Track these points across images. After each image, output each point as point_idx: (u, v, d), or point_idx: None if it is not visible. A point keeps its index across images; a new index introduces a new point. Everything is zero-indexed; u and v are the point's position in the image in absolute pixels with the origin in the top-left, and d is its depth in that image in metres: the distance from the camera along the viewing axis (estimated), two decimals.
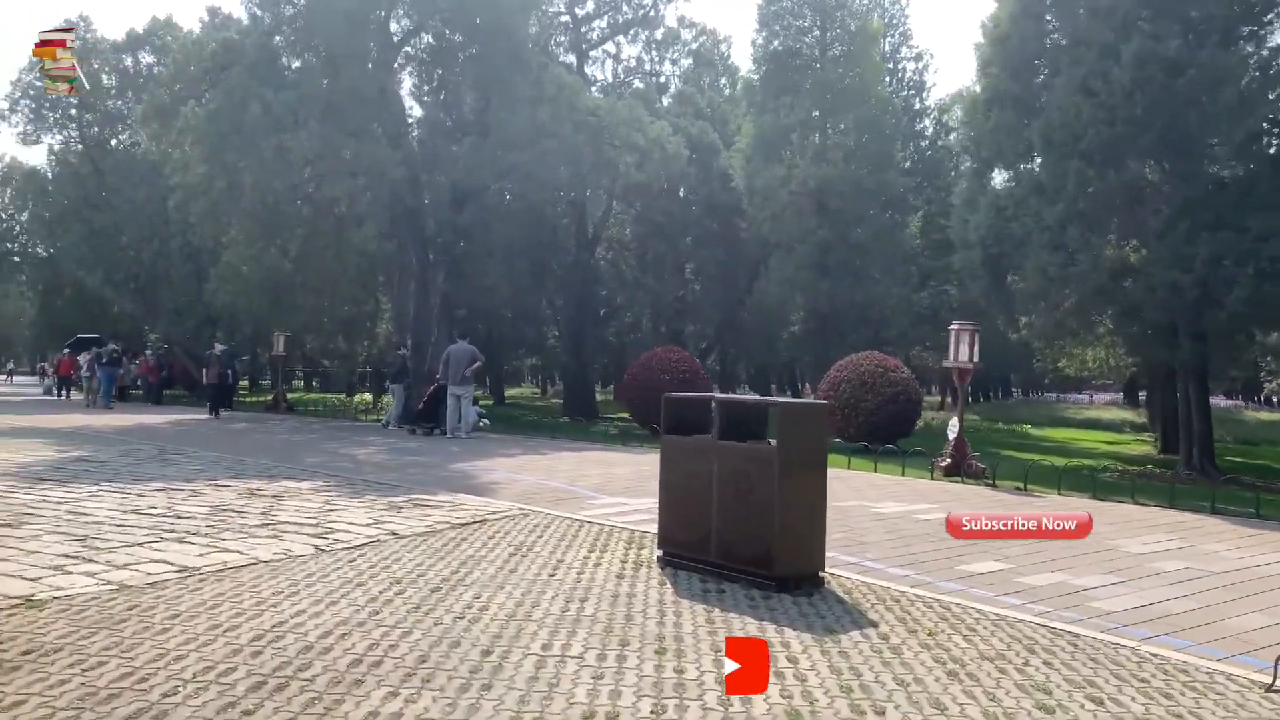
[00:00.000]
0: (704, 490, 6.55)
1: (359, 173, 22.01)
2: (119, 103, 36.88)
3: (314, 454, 14.41)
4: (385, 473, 12.09)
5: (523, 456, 14.81)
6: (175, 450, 13.92)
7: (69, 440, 15.30)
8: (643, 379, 20.69)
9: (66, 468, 11.38)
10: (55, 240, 37.37)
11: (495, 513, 8.88)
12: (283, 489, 10.06)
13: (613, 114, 22.50)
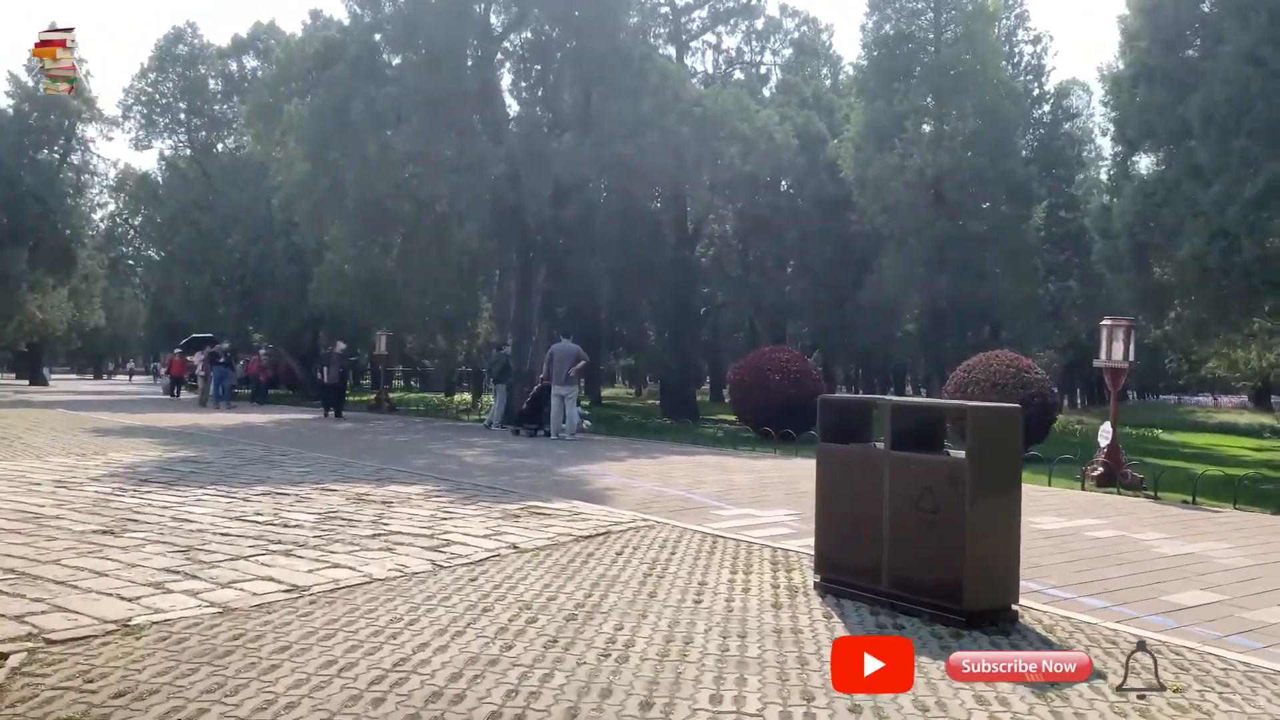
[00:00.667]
0: (873, 508, 5.66)
1: (460, 169, 21.65)
2: (225, 107, 37.64)
3: (420, 456, 13.95)
4: (494, 476, 11.50)
5: (632, 460, 14.08)
6: (281, 451, 13.61)
7: (176, 440, 15.18)
8: (751, 379, 19.76)
9: (173, 469, 11.08)
10: (165, 243, 38.35)
11: (618, 524, 8.13)
12: (392, 494, 9.51)
13: (717, 104, 21.65)
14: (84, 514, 7.68)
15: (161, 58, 36.79)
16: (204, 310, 38.41)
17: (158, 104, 36.88)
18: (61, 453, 12.77)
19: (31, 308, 39.49)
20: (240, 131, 37.43)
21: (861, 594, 5.72)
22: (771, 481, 11.77)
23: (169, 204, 37.65)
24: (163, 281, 39.89)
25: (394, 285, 23.78)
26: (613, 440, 18.30)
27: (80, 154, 35.44)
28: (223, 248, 35.91)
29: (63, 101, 33.51)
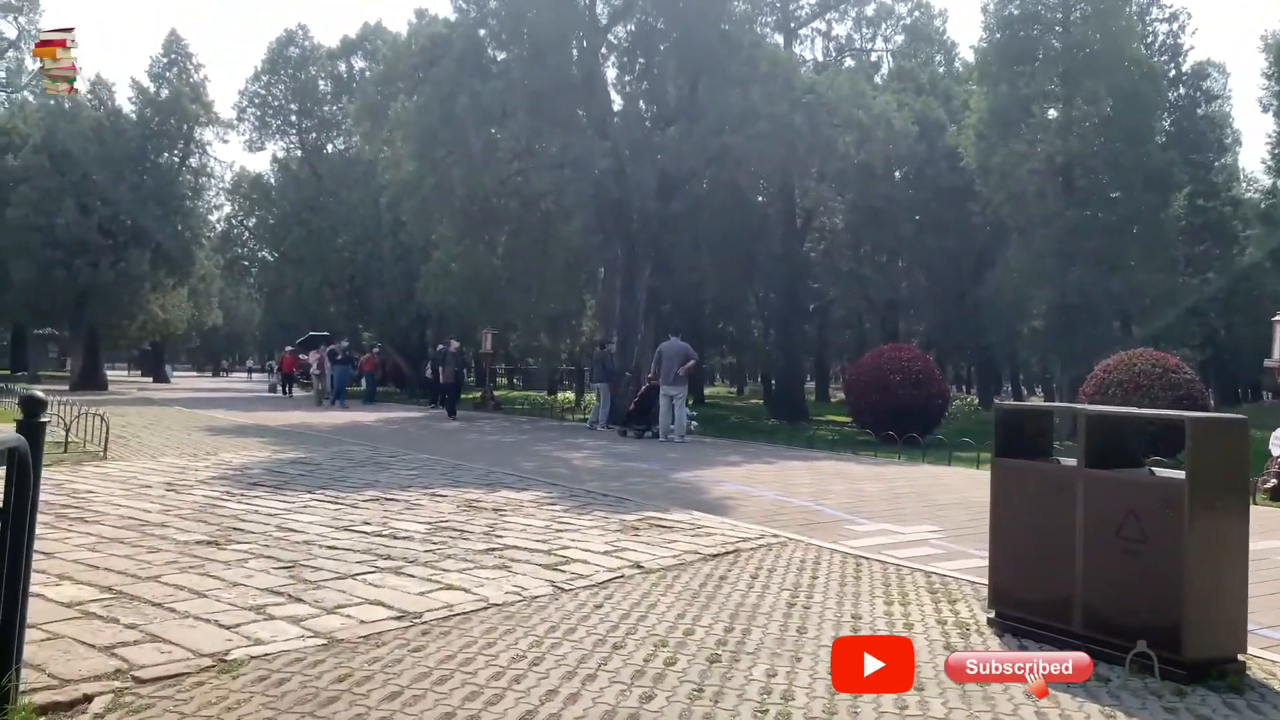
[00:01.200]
0: (1062, 535, 4.84)
1: (565, 164, 21.25)
2: (334, 108, 38.27)
3: (528, 457, 13.52)
4: (606, 481, 10.93)
5: (747, 466, 13.36)
6: (389, 453, 13.35)
7: (285, 440, 15.12)
8: (869, 379, 18.80)
9: (281, 471, 10.86)
10: (278, 244, 39.24)
11: (746, 540, 7.44)
12: (503, 500, 9.03)
13: (832, 90, 20.69)
14: (189, 521, 7.39)
15: (274, 60, 37.65)
16: (314, 309, 39.21)
17: (270, 106, 37.75)
18: (174, 452, 12.75)
19: (154, 308, 40.93)
20: (349, 132, 38.02)
21: (1047, 634, 4.90)
22: (903, 492, 10.90)
23: (281, 204, 38.53)
24: (275, 281, 40.85)
25: (499, 283, 23.56)
26: (722, 443, 17.61)
27: (198, 157, 36.50)
28: (332, 247, 36.53)
29: (182, 106, 34.55)
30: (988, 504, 5.51)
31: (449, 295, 23.99)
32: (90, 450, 12.33)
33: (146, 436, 15.03)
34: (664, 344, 16.86)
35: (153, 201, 33.60)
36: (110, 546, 6.32)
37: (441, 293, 23.80)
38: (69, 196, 31.03)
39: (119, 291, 32.93)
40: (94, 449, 12.32)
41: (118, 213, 32.19)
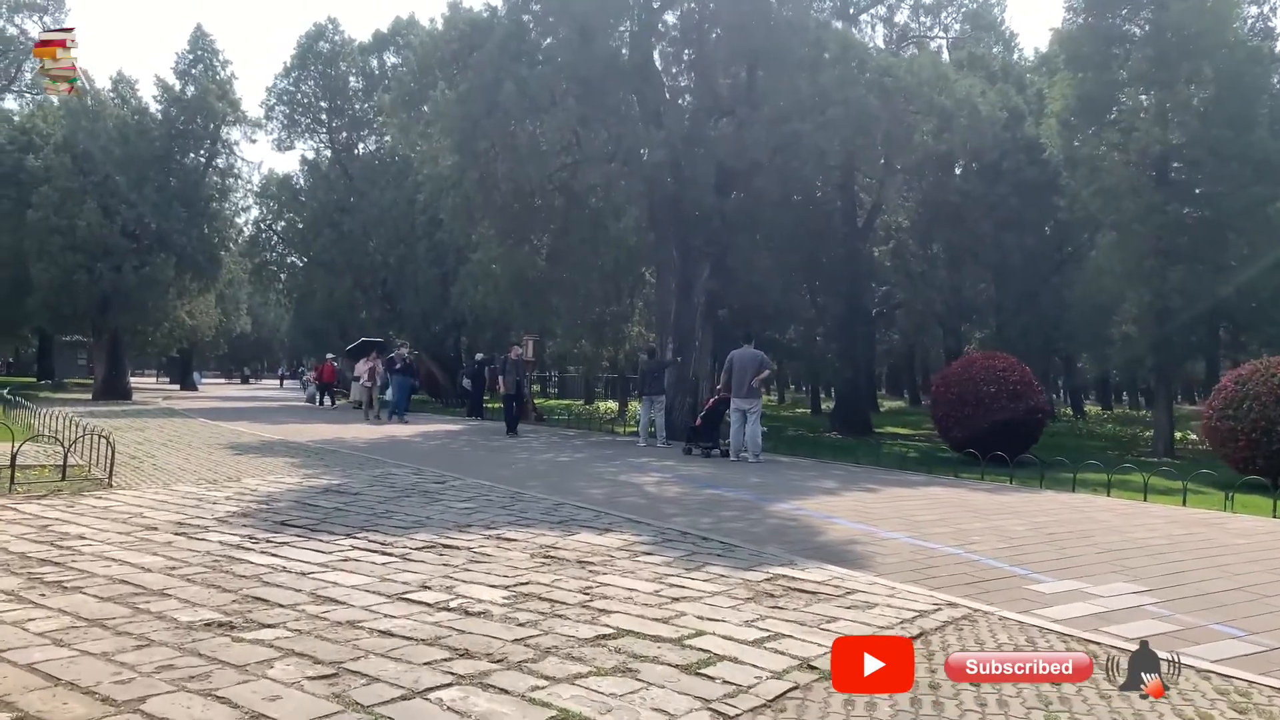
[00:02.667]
0: None
1: (616, 156, 19.59)
2: (365, 106, 36.85)
3: (592, 482, 11.78)
4: (695, 517, 9.18)
5: (849, 494, 11.55)
6: (435, 477, 11.65)
7: (317, 461, 13.47)
8: (959, 391, 16.93)
9: (313, 504, 9.18)
10: (307, 247, 37.87)
11: (921, 614, 5.67)
12: (586, 547, 7.30)
13: (910, 73, 18.84)
14: (198, 586, 5.70)
15: (303, 55, 36.29)
16: (344, 314, 37.77)
17: (299, 103, 36.39)
18: (192, 477, 11.13)
19: (181, 313, 39.69)
20: (380, 130, 36.63)
21: None
22: (1057, 532, 9.06)
23: (310, 206, 37.14)
24: (304, 286, 39.46)
25: (543, 285, 21.90)
26: (799, 462, 15.81)
27: (225, 157, 35.16)
28: (364, 250, 35.09)
29: (208, 104, 33.23)
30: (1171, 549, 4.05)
31: (489, 298, 22.38)
32: (95, 476, 10.73)
33: (163, 456, 13.45)
34: (735, 352, 15.08)
35: (178, 203, 32.28)
36: (86, 636, 4.64)
37: (482, 296, 22.18)
38: (91, 198, 29.74)
39: (143, 296, 31.59)
40: (100, 474, 10.72)
41: (141, 215, 30.84)
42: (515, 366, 19.89)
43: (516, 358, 20.12)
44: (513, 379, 19.65)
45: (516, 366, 19.92)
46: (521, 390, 20.18)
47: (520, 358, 20.25)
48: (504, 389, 19.85)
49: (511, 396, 19.65)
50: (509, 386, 19.63)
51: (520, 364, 20.07)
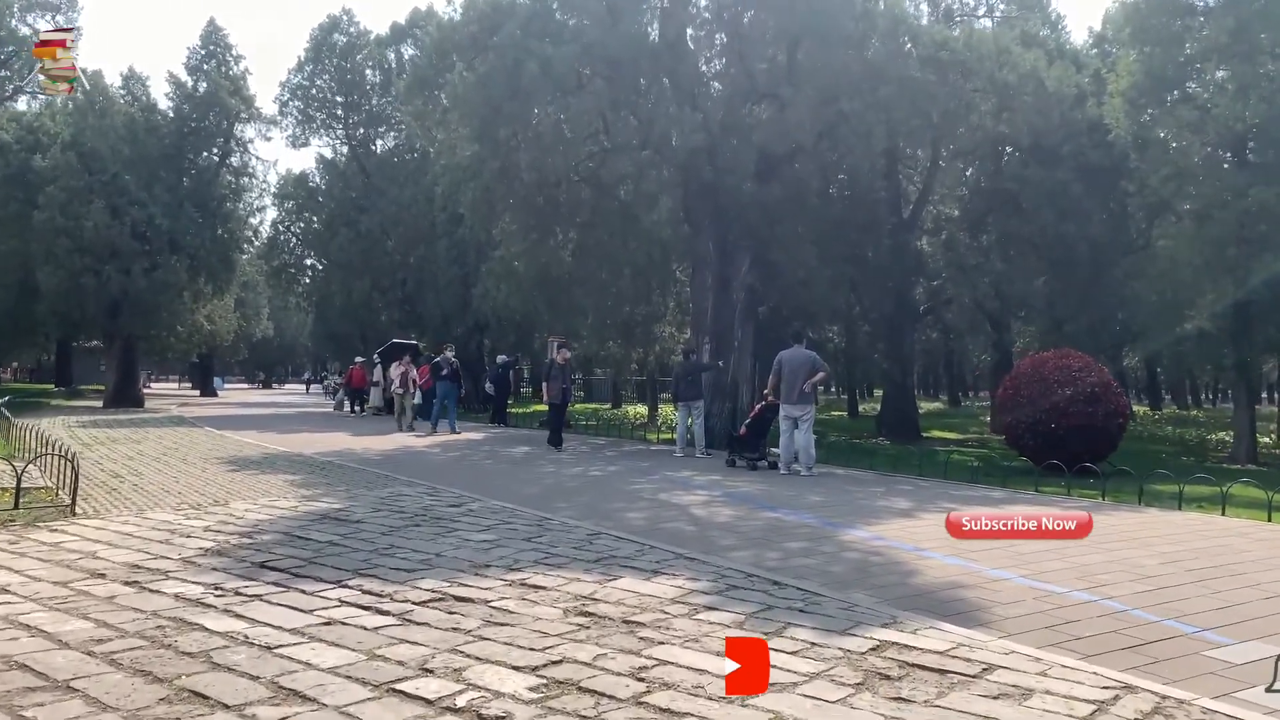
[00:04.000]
0: None
1: (648, 143, 18.14)
2: (383, 101, 35.60)
3: (629, 503, 10.30)
4: (758, 550, 7.69)
5: (925, 516, 9.99)
6: (451, 498, 10.20)
7: (321, 477, 12.07)
8: (1030, 394, 15.32)
9: (305, 536, 7.75)
10: (325, 248, 36.66)
11: (1100, 707, 4.15)
12: (632, 598, 5.82)
13: (969, 46, 17.23)
14: (121, 674, 4.26)
15: (317, 48, 35.09)
16: (364, 317, 36.53)
17: (314, 98, 35.19)
18: (173, 501, 9.75)
19: (199, 318, 38.60)
20: (399, 126, 35.37)
21: None
22: (1196, 567, 7.51)
23: (327, 205, 35.92)
24: (322, 288, 38.24)
25: (570, 283, 20.46)
26: (854, 473, 14.27)
27: (239, 155, 33.97)
28: (382, 250, 33.85)
29: (221, 100, 32.08)
30: None
31: (512, 298, 20.97)
32: (64, 500, 9.36)
33: (149, 474, 12.10)
34: (785, 353, 13.54)
35: (189, 203, 31.14)
36: None
37: (505, 295, 20.78)
38: (98, 198, 28.62)
39: (154, 300, 30.42)
40: (68, 498, 9.35)
41: (151, 215, 29.68)
42: (562, 372, 17.38)
43: (564, 361, 17.67)
44: (559, 385, 17.11)
45: (563, 371, 17.43)
46: (567, 398, 18.02)
47: (567, 361, 17.98)
48: (548, 396, 17.43)
49: (558, 405, 17.28)
50: (554, 394, 17.12)
51: (567, 369, 17.84)
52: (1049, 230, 20.45)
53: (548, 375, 17.52)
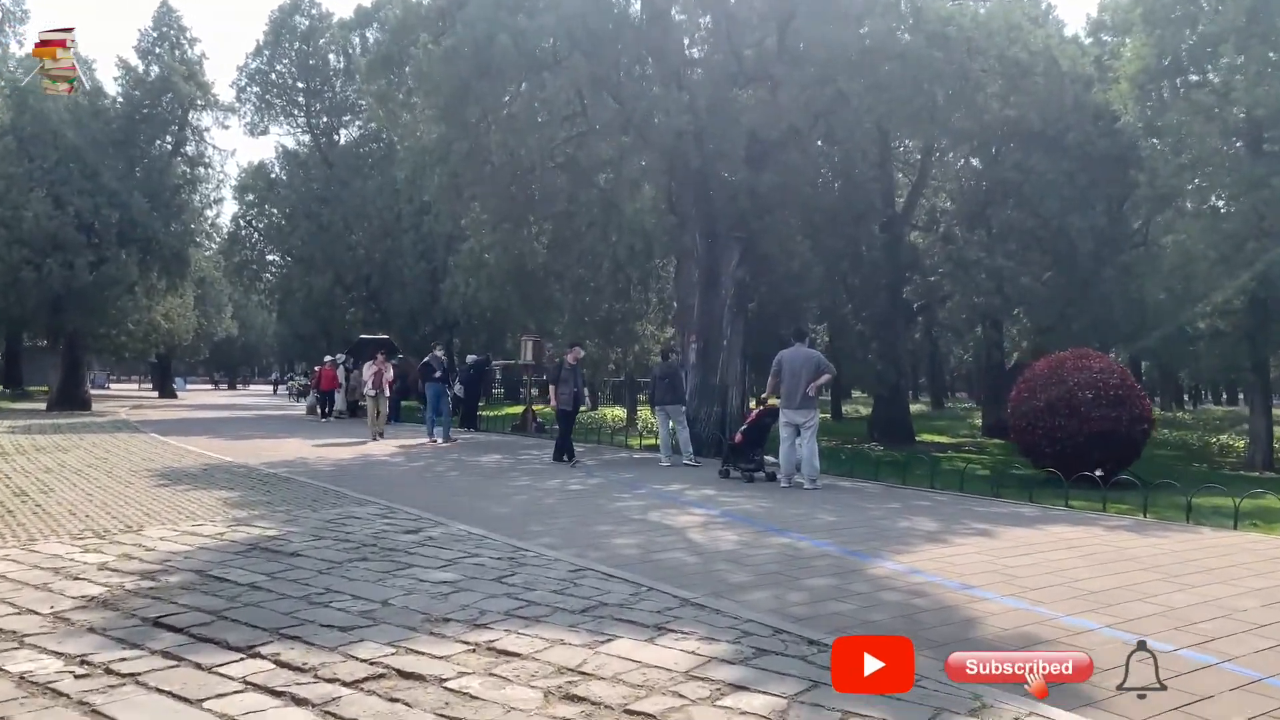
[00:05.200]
0: None
1: (630, 125, 16.76)
2: (347, 90, 33.96)
3: (616, 525, 8.89)
4: (777, 591, 6.33)
5: (959, 540, 8.67)
6: (408, 521, 8.73)
7: (262, 493, 10.56)
8: (1049, 397, 14.10)
9: (221, 578, 6.28)
10: (285, 242, 34.93)
11: None
12: (630, 671, 4.42)
13: (977, 23, 15.98)
14: None
15: (277, 31, 33.37)
16: (325, 314, 34.80)
17: (274, 84, 33.47)
18: (76, 526, 8.22)
19: (155, 315, 36.69)
20: (364, 115, 33.70)
21: None
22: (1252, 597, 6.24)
23: (288, 197, 34.16)
24: (284, 285, 36.46)
25: (545, 277, 19.01)
26: (860, 485, 12.95)
27: (194, 144, 32.13)
28: (345, 244, 32.18)
29: (175, 85, 30.31)
30: None
31: (482, 292, 19.48)
32: None
33: (62, 491, 10.53)
34: (786, 352, 12.19)
35: (140, 194, 29.31)
36: None
37: (474, 290, 19.29)
38: (39, 186, 26.77)
39: (100, 296, 28.59)
40: None
41: (98, 205, 27.85)
42: (573, 374, 14.95)
43: (576, 362, 15.16)
44: (570, 390, 14.80)
45: (574, 374, 14.99)
46: (579, 404, 15.61)
47: (579, 362, 15.47)
48: (557, 402, 14.95)
49: (569, 413, 15.07)
50: (564, 399, 14.79)
51: (579, 371, 15.27)
52: (1053, 223, 19.26)
53: (556, 377, 15.21)
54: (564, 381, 14.84)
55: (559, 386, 14.87)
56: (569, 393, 14.80)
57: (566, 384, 14.81)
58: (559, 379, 14.97)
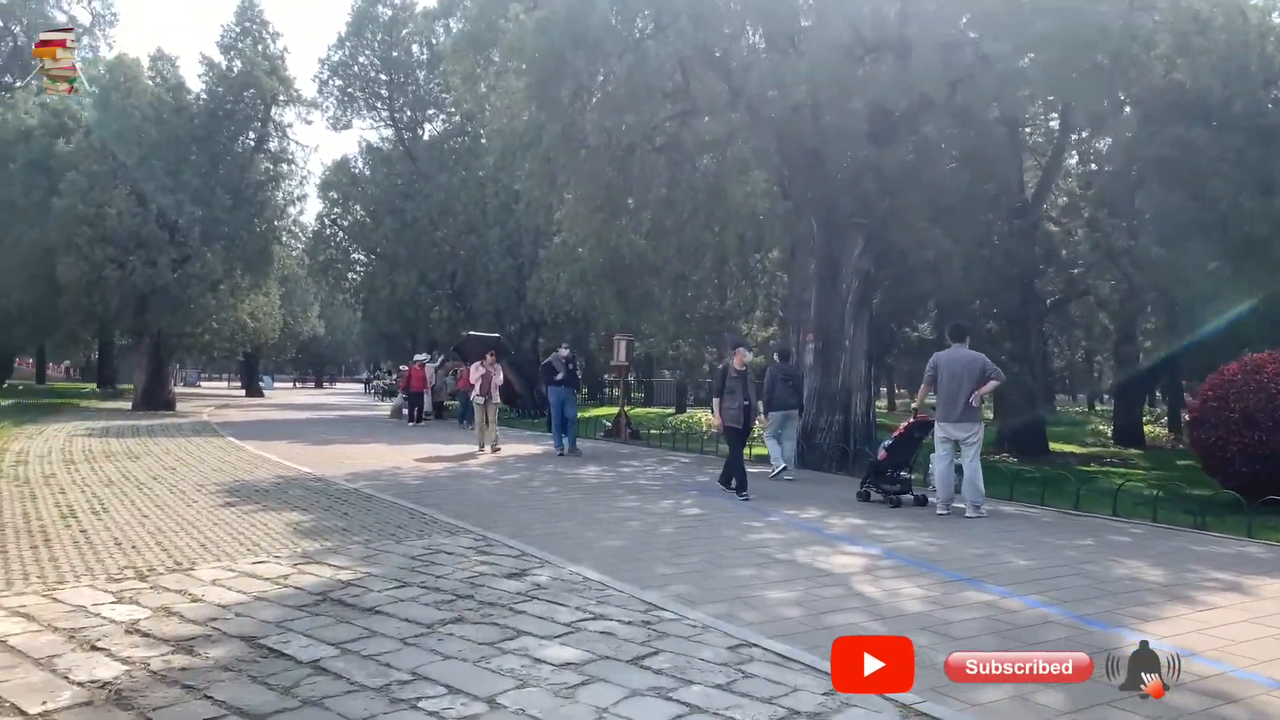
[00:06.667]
0: None
1: (740, 97, 15.05)
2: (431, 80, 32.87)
3: (758, 569, 7.16)
4: (1020, 690, 4.54)
5: (1203, 596, 6.76)
6: (508, 557, 7.18)
7: (338, 516, 9.14)
8: (1243, 407, 11.91)
9: (277, 651, 4.79)
10: (369, 240, 34.06)
11: None
12: None
13: None
14: None
15: (359, 22, 32.48)
16: (411, 314, 33.80)
17: (356, 76, 32.58)
18: (118, 561, 6.87)
19: (242, 314, 36.25)
20: (449, 109, 32.59)
21: None
22: None
23: (372, 194, 33.26)
24: (367, 283, 35.63)
25: (642, 271, 17.43)
26: (1027, 511, 10.97)
27: (277, 140, 31.44)
28: (430, 240, 31.08)
29: (257, 80, 29.57)
30: None
31: (574, 289, 17.98)
32: None
33: (117, 509, 9.28)
34: (943, 354, 10.34)
35: (223, 191, 28.62)
36: None
37: (566, 286, 17.80)
38: (123, 184, 26.21)
39: (183, 294, 27.99)
40: None
41: (181, 203, 27.21)
42: (741, 382, 11.38)
43: (743, 366, 11.52)
44: (739, 403, 11.32)
45: (742, 382, 11.39)
46: (751, 419, 11.82)
47: (747, 367, 11.66)
48: (722, 419, 11.52)
49: (740, 431, 11.53)
50: (732, 415, 11.38)
51: (746, 378, 11.50)
52: (1220, 206, 16.86)
53: (721, 387, 11.52)
54: (730, 392, 11.38)
55: (724, 399, 11.46)
56: (738, 406, 11.34)
57: (734, 395, 11.36)
58: (724, 388, 11.48)
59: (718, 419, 11.55)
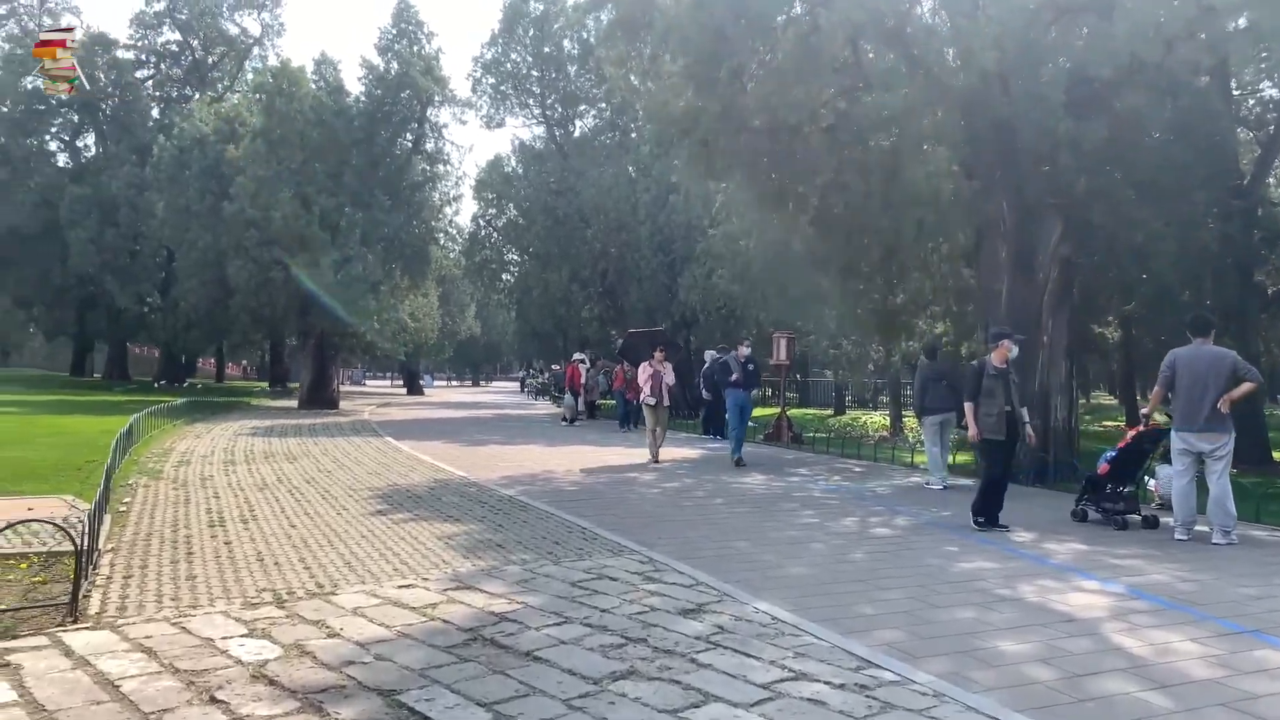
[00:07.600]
0: None
1: (918, 66, 13.64)
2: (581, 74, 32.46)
3: (979, 612, 5.92)
4: None
5: None
6: (681, 587, 6.22)
7: (494, 529, 8.42)
8: None
9: (416, 712, 3.96)
10: (522, 239, 34.00)
11: None
12: None
13: None
14: None
15: (511, 19, 32.42)
16: (563, 313, 33.55)
17: (508, 74, 32.53)
18: (256, 582, 6.30)
19: (403, 315, 36.97)
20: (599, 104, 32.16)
21: None
22: None
23: (525, 193, 33.17)
24: (520, 283, 35.63)
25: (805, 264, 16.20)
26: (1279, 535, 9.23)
27: (433, 141, 31.72)
28: (581, 238, 30.67)
29: (413, 81, 29.86)
30: None
31: (734, 284, 16.89)
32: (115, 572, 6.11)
33: (266, 516, 8.86)
34: (1181, 351, 8.77)
35: (381, 192, 29.03)
36: None
37: (724, 281, 16.75)
38: (287, 187, 26.87)
39: (345, 295, 28.53)
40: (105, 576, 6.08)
41: (341, 205, 27.71)
42: (1003, 382, 9.13)
43: (1003, 363, 9.26)
44: (998, 409, 9.02)
45: (1003, 381, 9.13)
46: (1016, 428, 9.21)
47: (1009, 364, 9.33)
48: (978, 428, 9.12)
49: (1002, 444, 9.14)
50: (989, 425, 9.04)
51: (1008, 377, 9.22)
52: None
53: (977, 389, 9.15)
54: (989, 394, 9.03)
55: (979, 402, 9.10)
56: (997, 412, 8.98)
57: (993, 398, 8.99)
58: (980, 389, 9.12)
59: (973, 429, 9.15)
